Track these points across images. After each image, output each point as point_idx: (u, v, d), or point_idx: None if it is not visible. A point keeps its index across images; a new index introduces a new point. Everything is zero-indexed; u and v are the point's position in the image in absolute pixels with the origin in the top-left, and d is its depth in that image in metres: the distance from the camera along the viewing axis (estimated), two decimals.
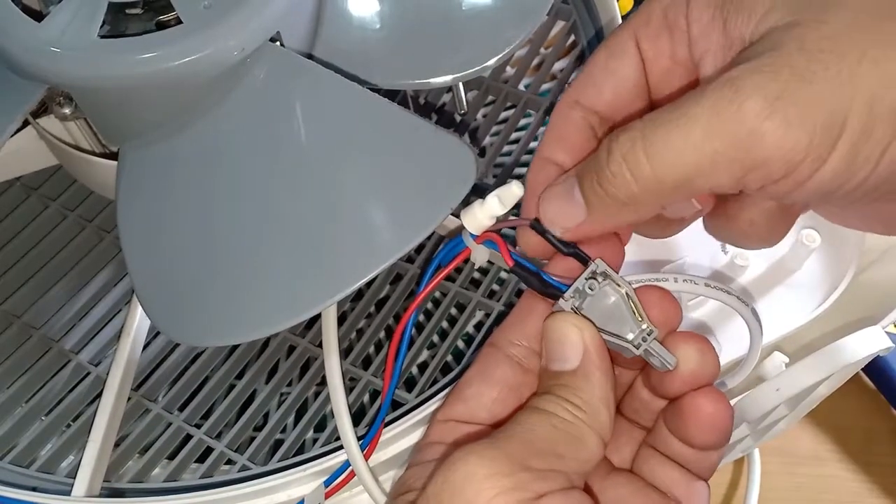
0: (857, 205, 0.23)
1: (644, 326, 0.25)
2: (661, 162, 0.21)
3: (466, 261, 0.27)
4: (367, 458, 0.30)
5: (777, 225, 0.26)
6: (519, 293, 0.36)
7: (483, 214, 0.25)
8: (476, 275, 0.39)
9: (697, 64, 0.24)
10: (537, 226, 0.25)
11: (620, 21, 0.41)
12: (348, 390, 0.32)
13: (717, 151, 0.20)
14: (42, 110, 0.33)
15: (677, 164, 0.21)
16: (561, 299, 0.25)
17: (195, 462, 0.34)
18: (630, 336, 0.25)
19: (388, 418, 0.31)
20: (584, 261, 0.25)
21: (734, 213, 0.25)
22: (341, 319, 0.36)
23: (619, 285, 0.25)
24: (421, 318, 0.38)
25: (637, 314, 0.25)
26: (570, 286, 0.25)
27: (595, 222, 0.24)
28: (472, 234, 0.26)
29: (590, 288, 0.25)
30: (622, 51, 0.25)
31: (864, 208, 0.24)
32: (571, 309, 0.25)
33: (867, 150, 0.20)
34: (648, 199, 0.22)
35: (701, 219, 0.26)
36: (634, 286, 0.25)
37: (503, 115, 0.45)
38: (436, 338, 0.38)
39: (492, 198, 0.25)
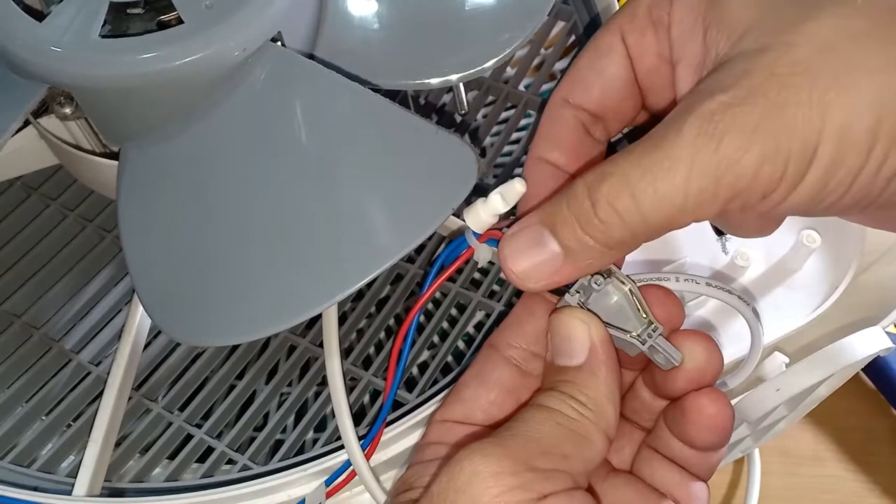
0: (841, 215, 0.23)
1: (649, 323, 0.25)
2: (650, 206, 0.21)
3: (468, 261, 0.27)
4: (368, 457, 0.30)
5: (765, 223, 0.26)
6: (519, 294, 0.36)
7: (486, 213, 0.25)
8: (476, 275, 0.39)
9: (674, 67, 0.24)
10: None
11: None
12: (349, 390, 0.32)
13: (702, 190, 0.21)
14: (43, 110, 0.33)
15: (664, 206, 0.21)
16: (567, 294, 0.25)
17: (196, 462, 0.34)
18: (635, 333, 0.25)
19: (388, 418, 0.31)
20: None
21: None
22: (342, 319, 0.36)
23: (623, 282, 0.25)
24: (421, 318, 0.38)
25: (641, 311, 0.25)
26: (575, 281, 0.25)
27: (575, 269, 0.24)
28: (475, 233, 0.26)
29: (595, 283, 0.25)
30: (609, 48, 0.26)
31: (854, 216, 0.24)
32: (577, 304, 0.25)
33: (838, 177, 0.20)
34: (635, 242, 0.23)
35: None
36: (637, 285, 0.25)
37: (504, 115, 0.45)
38: (436, 338, 0.38)
39: (494, 195, 0.25)
